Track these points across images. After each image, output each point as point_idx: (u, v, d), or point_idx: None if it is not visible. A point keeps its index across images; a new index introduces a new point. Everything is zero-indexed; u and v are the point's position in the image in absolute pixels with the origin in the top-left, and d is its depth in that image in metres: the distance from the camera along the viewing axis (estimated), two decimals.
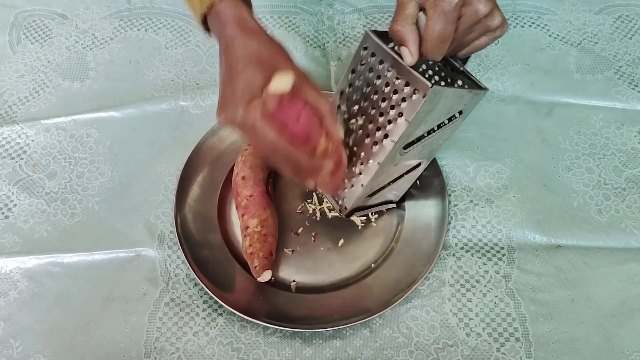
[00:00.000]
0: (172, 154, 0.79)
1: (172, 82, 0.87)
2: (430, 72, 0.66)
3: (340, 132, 0.56)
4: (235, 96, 0.53)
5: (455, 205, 0.74)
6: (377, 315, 0.65)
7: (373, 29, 0.58)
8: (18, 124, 0.81)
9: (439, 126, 0.63)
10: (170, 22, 0.94)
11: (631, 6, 0.95)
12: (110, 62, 0.89)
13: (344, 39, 0.92)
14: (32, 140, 0.80)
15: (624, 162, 0.78)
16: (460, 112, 0.63)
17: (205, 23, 0.61)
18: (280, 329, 0.65)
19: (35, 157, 0.79)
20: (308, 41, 0.91)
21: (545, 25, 0.93)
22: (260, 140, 0.52)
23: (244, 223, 0.69)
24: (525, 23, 0.93)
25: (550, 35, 0.92)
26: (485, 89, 0.61)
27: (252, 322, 0.65)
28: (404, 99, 0.57)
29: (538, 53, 0.90)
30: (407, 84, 0.56)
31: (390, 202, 0.74)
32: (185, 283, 0.69)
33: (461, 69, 0.62)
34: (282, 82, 0.51)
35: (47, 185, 0.76)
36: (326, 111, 0.54)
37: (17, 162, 0.78)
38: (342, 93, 0.64)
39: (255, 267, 0.66)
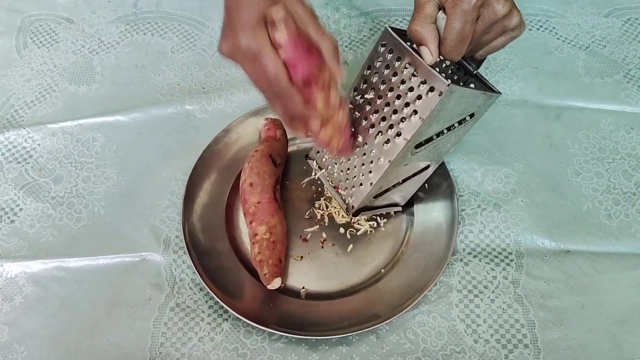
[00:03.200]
0: (178, 158, 0.79)
1: (178, 86, 0.87)
2: (444, 75, 0.66)
3: (342, 75, 0.55)
4: (240, 22, 0.51)
5: (463, 210, 0.74)
6: (389, 321, 0.64)
7: (392, 26, 0.59)
8: (24, 128, 0.81)
9: (449, 129, 0.63)
10: (177, 26, 0.94)
11: None
12: (116, 66, 0.89)
13: (350, 43, 0.91)
14: (39, 145, 0.80)
15: (634, 167, 0.77)
16: (471, 115, 0.63)
17: None
18: (286, 335, 0.65)
19: (41, 162, 0.79)
20: None
21: (554, 28, 0.92)
22: (260, 70, 0.51)
23: (253, 230, 0.68)
24: (533, 26, 0.92)
25: (558, 39, 0.91)
26: (499, 92, 0.61)
27: (257, 327, 0.65)
28: (419, 97, 0.57)
29: (546, 56, 0.89)
30: (423, 82, 0.56)
31: (397, 204, 0.73)
32: (190, 288, 0.69)
33: (475, 72, 0.62)
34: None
35: (53, 189, 0.76)
36: (329, 53, 0.53)
37: (23, 166, 0.78)
38: (355, 89, 0.63)
39: (265, 274, 0.65)
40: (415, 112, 0.57)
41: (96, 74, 0.88)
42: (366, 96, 0.62)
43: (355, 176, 0.66)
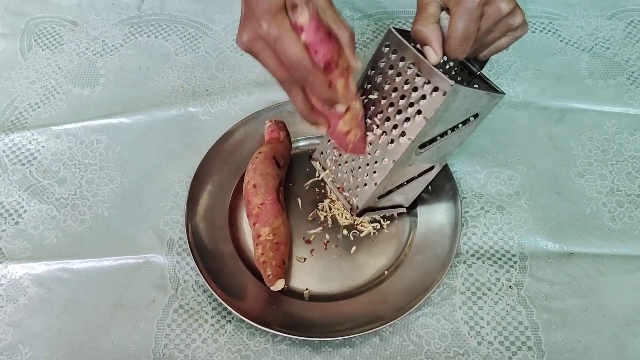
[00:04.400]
0: (182, 160, 0.79)
1: (181, 88, 0.87)
2: (447, 75, 0.66)
3: (358, 64, 0.55)
4: (260, 9, 0.50)
5: (466, 212, 0.74)
6: (392, 323, 0.64)
7: (396, 26, 0.59)
8: (29, 130, 0.82)
9: (453, 129, 0.63)
10: (180, 29, 0.94)
11: None
12: (120, 68, 0.90)
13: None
14: (43, 147, 0.81)
15: (638, 169, 0.77)
16: (475, 116, 0.63)
17: None
18: (289, 337, 0.65)
19: (45, 163, 0.79)
20: None
21: (557, 30, 0.92)
22: (282, 55, 0.50)
23: (256, 232, 0.68)
24: (536, 28, 0.92)
25: (561, 41, 0.91)
26: (502, 93, 0.61)
27: (260, 329, 0.65)
28: (423, 97, 0.57)
29: (549, 58, 0.89)
30: (427, 82, 0.56)
31: (401, 206, 0.73)
32: (194, 289, 0.69)
33: (478, 73, 0.62)
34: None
35: (57, 191, 0.77)
36: (346, 42, 0.53)
37: (27, 168, 0.79)
38: (359, 90, 0.64)
39: (268, 275, 0.65)
40: (419, 112, 0.58)
41: (100, 76, 0.89)
42: (370, 97, 0.62)
43: (359, 177, 0.66)
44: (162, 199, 0.76)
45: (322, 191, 0.76)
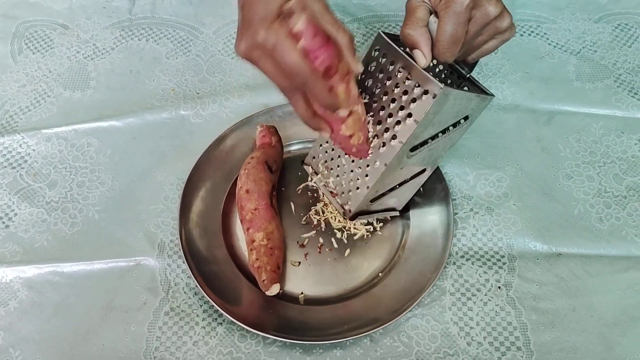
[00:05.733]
0: (173, 163, 0.79)
1: (172, 91, 0.87)
2: (437, 79, 0.66)
3: (359, 67, 0.54)
4: (256, 18, 0.50)
5: (456, 214, 0.74)
6: (388, 324, 0.64)
7: (385, 31, 0.59)
8: (19, 134, 0.82)
9: (444, 132, 0.63)
10: (171, 32, 0.95)
11: (630, 14, 0.95)
12: (111, 71, 0.90)
13: None
14: (33, 150, 0.80)
15: (625, 170, 0.78)
16: (465, 118, 0.63)
17: None
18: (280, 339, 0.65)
19: (36, 167, 0.79)
20: None
21: (545, 34, 0.93)
22: (281, 63, 0.50)
23: (250, 237, 0.68)
24: (524, 32, 0.93)
25: (549, 44, 0.92)
26: (492, 95, 0.62)
27: (251, 332, 0.65)
28: (413, 100, 0.58)
29: (537, 61, 0.90)
30: (417, 85, 0.57)
31: (394, 209, 0.74)
32: (185, 292, 0.69)
33: (467, 75, 0.63)
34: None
35: (47, 194, 0.77)
36: (345, 46, 0.52)
37: (17, 171, 0.79)
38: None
39: (263, 280, 0.65)
40: (410, 115, 0.58)
41: (91, 79, 0.89)
42: None
43: (351, 180, 0.66)
44: (153, 202, 0.76)
45: (315, 195, 0.76)
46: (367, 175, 0.64)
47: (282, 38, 0.49)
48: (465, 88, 0.64)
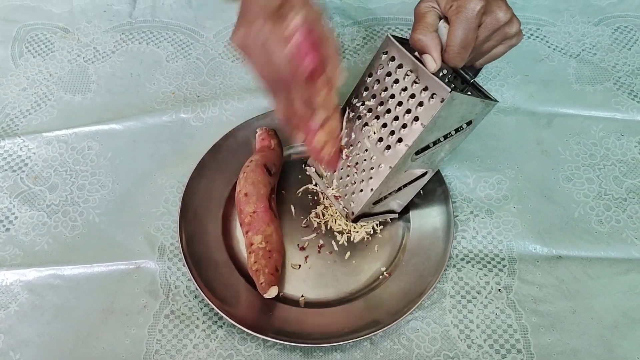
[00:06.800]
0: (173, 166, 0.79)
1: (172, 94, 0.87)
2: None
3: (341, 79, 0.57)
4: (254, 10, 0.52)
5: (456, 217, 0.74)
6: (389, 327, 0.64)
7: (387, 33, 0.60)
8: (20, 137, 0.82)
9: (446, 136, 0.64)
10: (172, 36, 0.95)
11: (630, 17, 0.95)
12: (111, 75, 0.90)
13: (343, 51, 0.92)
14: (34, 153, 0.81)
15: (625, 173, 0.78)
16: (468, 123, 0.64)
17: None
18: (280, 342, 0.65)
19: (36, 170, 0.79)
20: None
21: (545, 36, 0.94)
22: (269, 60, 0.52)
23: (249, 240, 0.68)
24: (524, 34, 0.93)
25: (549, 47, 0.92)
26: (496, 100, 0.62)
27: (251, 334, 0.65)
28: (420, 104, 0.58)
29: (537, 64, 0.90)
30: (424, 89, 0.57)
31: (393, 211, 0.74)
32: (185, 295, 0.69)
33: (472, 80, 0.63)
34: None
35: (48, 197, 0.77)
36: (331, 55, 0.54)
37: (18, 174, 0.79)
38: (356, 96, 0.64)
39: (261, 283, 0.65)
40: (416, 118, 0.58)
41: (91, 82, 0.89)
42: (367, 103, 0.63)
43: (355, 182, 0.67)
44: (153, 205, 0.76)
45: (315, 198, 0.76)
46: (371, 178, 0.64)
47: (276, 31, 0.51)
48: (469, 93, 0.64)
